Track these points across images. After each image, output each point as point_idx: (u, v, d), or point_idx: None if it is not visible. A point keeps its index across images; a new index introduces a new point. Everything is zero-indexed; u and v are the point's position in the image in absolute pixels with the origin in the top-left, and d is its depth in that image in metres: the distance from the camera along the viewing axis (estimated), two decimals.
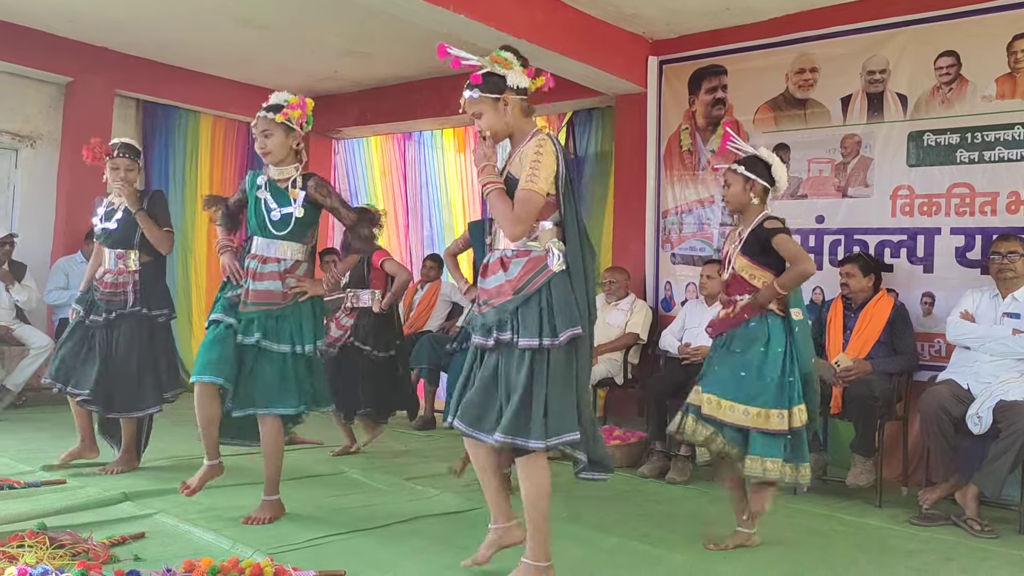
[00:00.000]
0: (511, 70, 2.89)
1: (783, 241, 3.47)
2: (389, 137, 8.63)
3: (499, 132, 2.92)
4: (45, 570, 2.62)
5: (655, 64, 6.18)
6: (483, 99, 2.87)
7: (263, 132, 3.67)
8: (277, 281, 3.63)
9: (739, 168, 3.55)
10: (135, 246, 4.46)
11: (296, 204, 3.63)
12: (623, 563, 3.29)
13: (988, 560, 3.54)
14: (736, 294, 3.56)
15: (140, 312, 4.43)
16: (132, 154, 4.52)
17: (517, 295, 2.79)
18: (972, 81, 4.90)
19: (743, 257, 3.52)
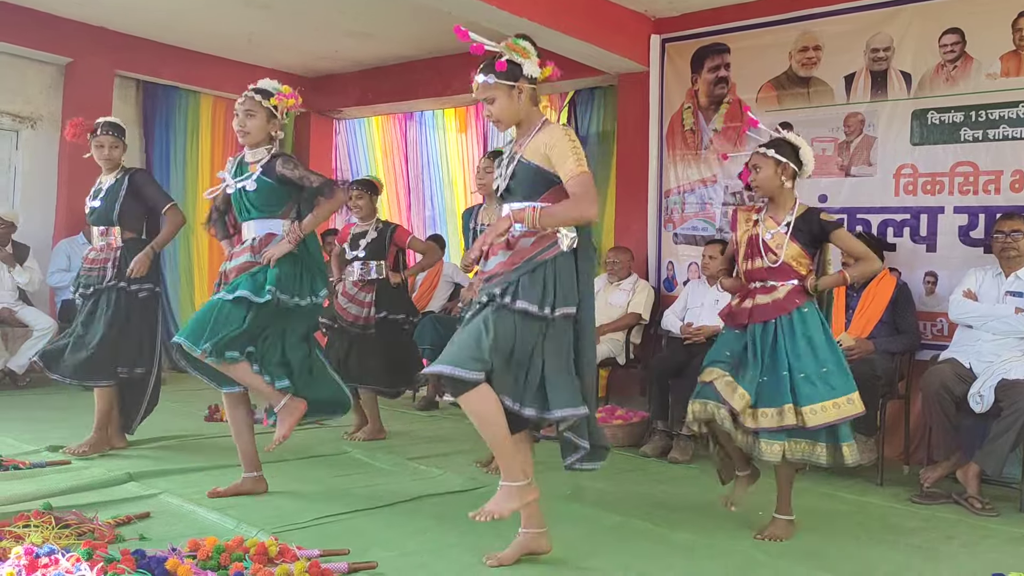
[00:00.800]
0: (528, 59, 2.93)
1: (845, 236, 3.47)
2: (390, 117, 8.60)
3: (510, 119, 2.96)
4: (51, 549, 2.63)
5: (657, 42, 6.14)
6: (498, 86, 2.90)
7: (247, 111, 3.69)
8: (247, 253, 3.69)
9: (770, 151, 3.45)
10: (116, 221, 4.47)
11: (249, 178, 3.67)
12: (625, 541, 3.31)
13: (989, 538, 3.56)
14: (780, 281, 3.43)
15: (118, 286, 4.42)
16: (115, 132, 4.51)
17: (526, 263, 2.86)
18: (977, 59, 4.86)
19: (796, 245, 3.42)
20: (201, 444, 4.78)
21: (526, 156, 2.92)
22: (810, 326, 3.39)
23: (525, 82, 2.92)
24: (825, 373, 3.34)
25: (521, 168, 2.92)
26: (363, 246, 5.16)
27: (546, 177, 2.90)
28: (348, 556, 2.92)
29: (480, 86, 2.95)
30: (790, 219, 3.43)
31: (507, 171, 2.98)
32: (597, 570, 2.95)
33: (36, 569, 2.51)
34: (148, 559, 2.65)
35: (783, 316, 3.39)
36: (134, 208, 4.51)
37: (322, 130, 8.86)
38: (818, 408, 3.30)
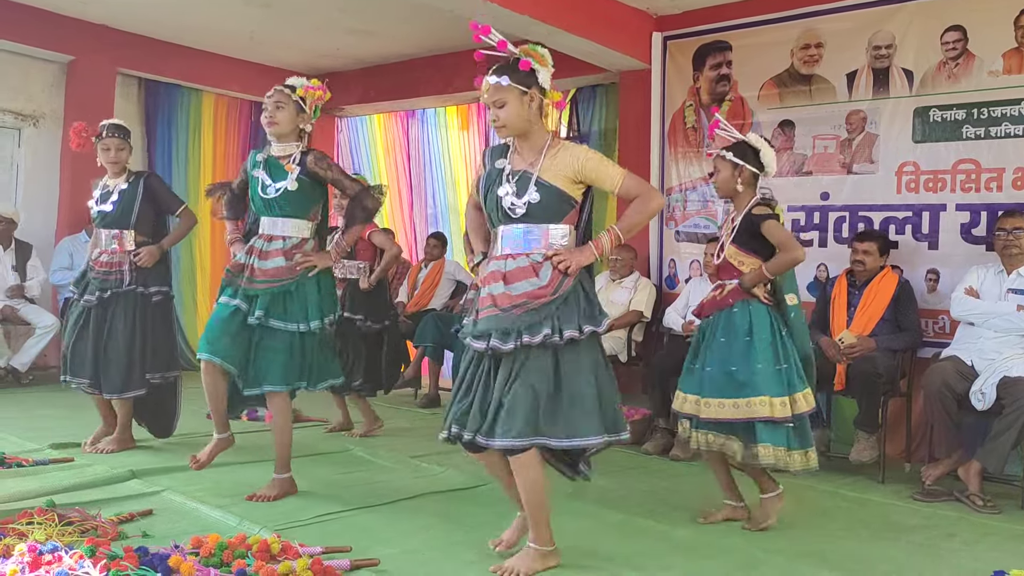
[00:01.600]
0: (545, 68, 2.85)
1: (773, 227, 3.48)
2: (392, 115, 8.60)
3: (517, 127, 2.84)
4: (55, 547, 2.64)
5: (659, 40, 6.14)
6: (512, 88, 2.79)
7: (275, 103, 3.68)
8: (281, 258, 3.64)
9: (727, 154, 3.55)
10: (131, 226, 4.47)
11: (291, 177, 3.63)
12: (627, 538, 3.32)
13: (990, 535, 3.56)
14: (726, 279, 3.59)
15: (135, 291, 4.42)
16: (121, 133, 4.50)
17: (556, 296, 2.76)
18: (979, 56, 4.86)
19: (732, 245, 3.54)
20: (203, 442, 4.75)
21: (546, 178, 2.80)
22: (735, 324, 3.47)
23: (537, 91, 2.82)
24: (733, 371, 3.40)
25: (545, 192, 2.80)
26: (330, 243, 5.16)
27: (568, 201, 2.85)
28: (350, 553, 2.93)
29: (492, 87, 2.81)
30: (738, 220, 3.55)
31: (523, 192, 2.81)
32: (599, 567, 2.95)
33: (39, 566, 2.51)
34: (151, 556, 2.66)
35: (718, 312, 3.54)
36: (149, 213, 4.52)
37: (324, 128, 8.85)
38: (714, 403, 3.42)
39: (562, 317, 2.76)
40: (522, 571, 2.80)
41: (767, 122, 5.63)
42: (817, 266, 5.37)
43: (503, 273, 2.82)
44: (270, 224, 3.71)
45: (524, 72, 2.80)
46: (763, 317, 3.47)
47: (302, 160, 3.67)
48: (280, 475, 3.73)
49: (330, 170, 3.70)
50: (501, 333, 2.75)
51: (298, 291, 3.65)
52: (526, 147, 2.89)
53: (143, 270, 4.44)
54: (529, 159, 2.87)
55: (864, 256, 4.69)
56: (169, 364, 4.56)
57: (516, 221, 2.85)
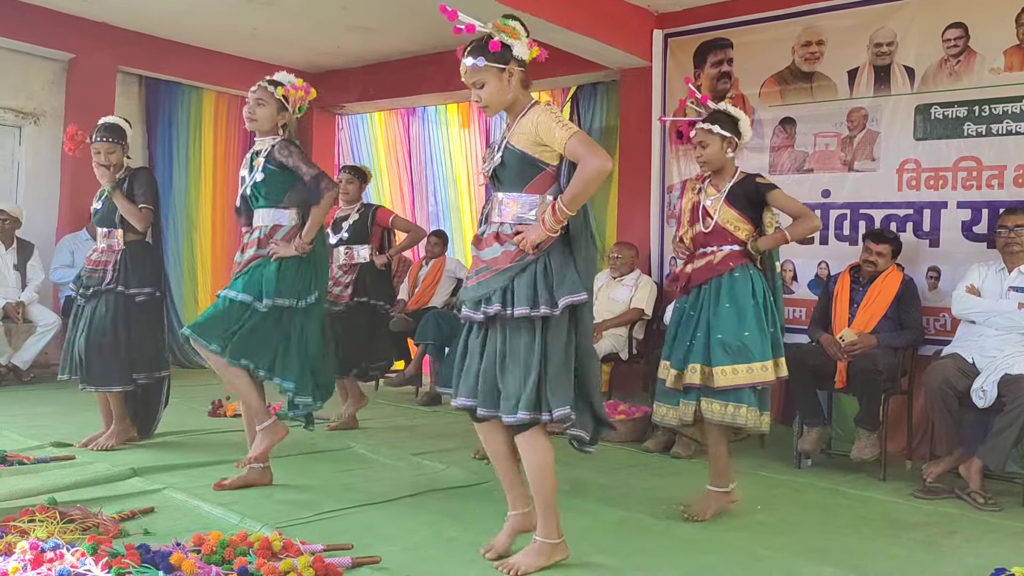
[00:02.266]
0: (519, 40, 2.80)
1: (782, 197, 3.54)
2: (393, 112, 8.60)
3: (499, 104, 2.84)
4: (56, 544, 2.64)
5: (660, 37, 6.13)
6: (488, 68, 2.77)
7: (257, 100, 3.76)
8: (252, 248, 3.76)
9: (715, 127, 3.54)
10: (118, 224, 4.47)
11: (256, 170, 3.72)
12: (628, 535, 3.32)
13: (991, 533, 3.56)
14: (716, 244, 3.57)
15: (115, 290, 4.42)
16: (113, 136, 4.46)
17: (514, 264, 2.76)
18: (980, 53, 4.86)
19: (731, 209, 3.54)
20: (204, 439, 4.79)
21: (512, 142, 2.82)
22: (738, 290, 3.48)
23: (515, 64, 2.79)
24: (746, 336, 3.42)
25: (508, 155, 2.82)
26: (346, 228, 5.21)
27: (533, 164, 2.81)
28: (352, 551, 2.92)
29: (469, 69, 2.81)
30: (729, 185, 3.56)
31: (496, 158, 2.87)
32: (600, 565, 2.95)
33: (41, 564, 2.52)
34: (152, 554, 2.66)
35: (714, 279, 3.52)
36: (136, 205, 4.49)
37: (324, 126, 8.85)
38: (728, 370, 3.41)
39: (516, 292, 2.74)
40: (522, 568, 2.80)
41: (768, 119, 5.63)
42: (818, 264, 5.37)
43: (478, 239, 2.91)
44: (255, 217, 3.83)
45: (500, 49, 2.77)
46: (760, 282, 3.53)
47: (268, 152, 3.74)
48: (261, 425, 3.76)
49: (290, 156, 3.73)
50: (472, 303, 2.82)
51: (259, 267, 3.71)
52: (511, 118, 2.91)
53: (127, 270, 4.44)
54: (510, 127, 2.89)
55: (877, 257, 4.66)
56: (155, 364, 4.54)
57: (499, 189, 2.90)
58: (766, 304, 3.50)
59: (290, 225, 3.79)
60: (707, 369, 3.47)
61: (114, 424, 4.52)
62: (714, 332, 3.47)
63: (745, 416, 3.44)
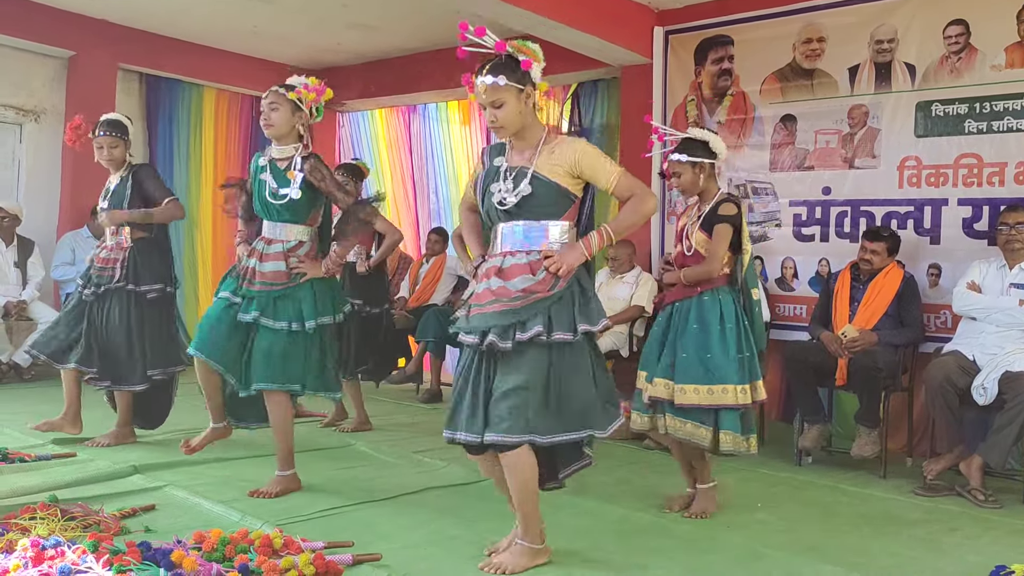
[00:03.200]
0: (538, 63, 2.78)
1: (718, 233, 3.55)
2: (394, 110, 8.59)
3: (515, 127, 2.80)
4: (57, 541, 2.65)
5: (661, 34, 6.12)
6: (509, 88, 2.73)
7: (270, 104, 3.67)
8: (281, 262, 3.66)
9: (683, 157, 3.60)
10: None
11: (294, 185, 3.63)
12: (628, 534, 3.32)
13: (992, 530, 3.56)
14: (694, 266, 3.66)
15: (126, 288, 4.42)
16: (115, 131, 4.47)
17: (551, 293, 2.75)
18: (981, 50, 4.85)
19: (702, 233, 3.61)
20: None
21: (543, 172, 2.78)
22: (705, 312, 3.53)
23: (532, 87, 2.78)
24: (708, 358, 3.47)
25: (541, 186, 2.77)
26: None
27: (566, 196, 2.81)
28: (352, 548, 2.93)
29: (488, 88, 2.74)
30: (706, 210, 3.61)
31: (516, 187, 2.79)
32: (600, 563, 2.95)
33: (42, 561, 2.52)
34: (153, 551, 2.67)
35: (685, 300, 3.59)
36: (140, 206, 4.48)
37: (325, 123, 8.76)
38: (689, 389, 3.46)
39: (555, 317, 2.75)
40: (509, 568, 2.80)
41: (769, 116, 5.63)
42: (819, 261, 5.37)
43: (501, 269, 2.81)
44: (270, 228, 3.73)
45: (521, 70, 2.75)
46: (730, 306, 3.55)
47: (302, 167, 3.65)
48: (282, 472, 3.73)
49: (323, 181, 3.65)
50: (500, 329, 2.73)
51: (291, 293, 3.66)
52: (522, 143, 2.86)
53: (136, 267, 4.44)
54: (526, 155, 2.84)
55: (872, 256, 4.66)
56: (169, 360, 4.55)
57: (515, 219, 2.83)
58: (738, 328, 3.52)
59: (311, 242, 3.75)
60: (671, 384, 3.52)
61: (117, 427, 4.53)
62: (679, 351, 3.53)
63: (703, 436, 3.48)
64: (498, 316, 2.75)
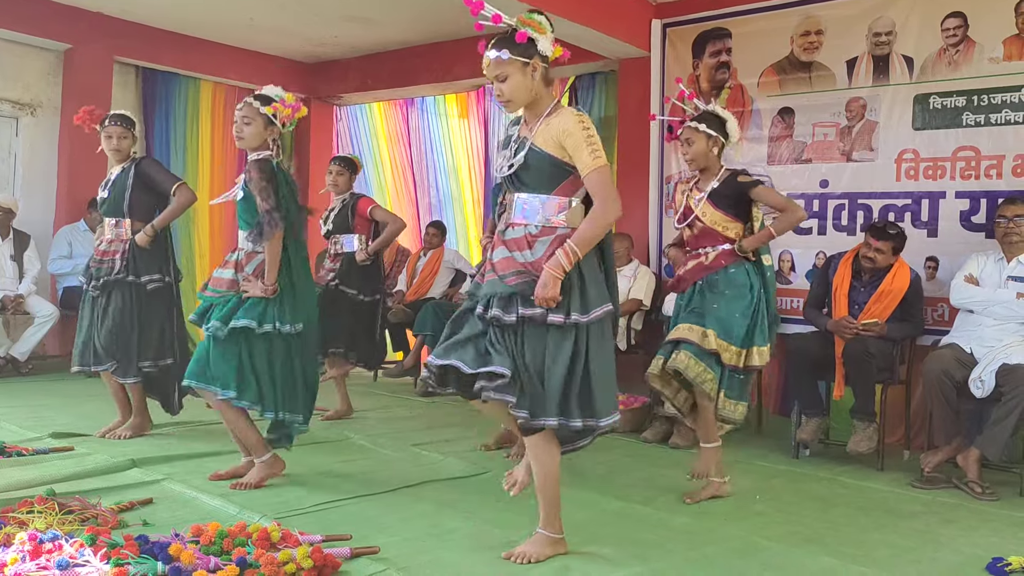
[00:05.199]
0: (544, 35, 2.76)
1: (767, 192, 3.65)
2: (392, 103, 8.58)
3: (522, 99, 2.78)
4: (55, 535, 2.65)
5: (659, 27, 6.11)
6: (512, 61, 2.72)
7: (243, 118, 3.65)
8: (231, 269, 3.67)
9: (701, 126, 3.64)
10: (126, 214, 4.46)
11: (235, 189, 3.66)
12: (627, 526, 3.32)
13: (989, 522, 3.57)
14: (706, 246, 3.69)
15: (127, 279, 4.41)
16: (126, 123, 4.49)
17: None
18: (979, 43, 4.84)
19: (717, 211, 3.63)
20: (204, 431, 4.79)
21: (538, 143, 2.76)
22: (736, 281, 3.61)
23: (539, 60, 2.75)
24: (738, 319, 3.58)
25: (534, 156, 2.76)
26: (331, 219, 5.19)
27: (561, 168, 2.76)
28: (351, 541, 2.94)
29: (492, 62, 2.75)
30: (714, 185, 3.64)
31: (516, 158, 2.80)
32: (598, 555, 2.96)
33: (40, 554, 2.52)
34: (151, 544, 2.67)
35: (711, 274, 3.64)
36: (144, 198, 4.48)
37: (322, 116, 8.82)
38: (714, 336, 3.58)
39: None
40: (533, 557, 2.84)
41: (767, 109, 5.62)
42: (816, 254, 5.37)
43: (504, 241, 2.83)
44: (239, 236, 3.76)
45: (525, 42, 2.73)
46: (755, 274, 3.63)
47: (247, 171, 3.65)
48: (259, 458, 3.67)
49: (251, 183, 3.61)
50: (503, 303, 2.73)
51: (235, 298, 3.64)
52: (532, 115, 2.84)
53: (136, 259, 4.43)
54: (532, 126, 2.83)
55: (876, 254, 4.58)
56: (162, 352, 4.51)
57: (519, 191, 2.83)
58: (757, 299, 3.62)
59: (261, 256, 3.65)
60: (698, 328, 3.59)
61: (133, 416, 4.54)
62: (710, 305, 3.62)
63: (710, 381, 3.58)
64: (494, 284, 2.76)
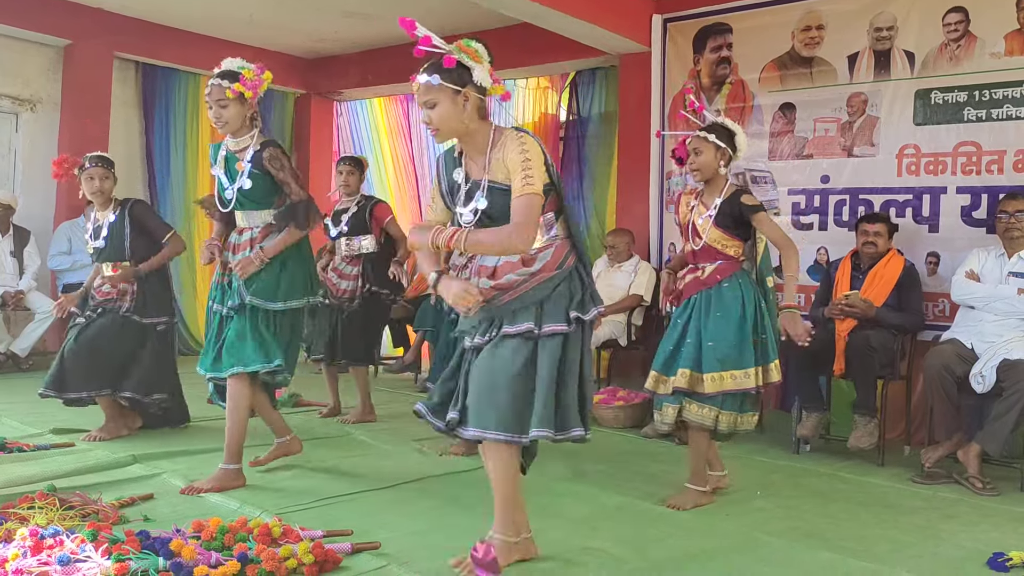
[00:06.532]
0: (480, 64, 2.61)
1: (766, 222, 3.55)
2: (392, 99, 8.58)
3: (451, 129, 2.64)
4: (56, 531, 2.65)
5: (659, 22, 6.10)
6: (443, 88, 2.59)
7: (218, 102, 3.56)
8: (248, 248, 3.65)
9: (710, 136, 3.59)
10: (127, 258, 4.46)
11: (242, 176, 3.59)
12: (626, 521, 3.32)
13: (990, 517, 3.57)
14: (706, 262, 3.62)
15: (132, 318, 4.43)
16: (105, 164, 4.47)
17: (549, 282, 2.66)
18: (981, 38, 4.83)
19: (717, 229, 3.58)
20: (204, 427, 4.79)
21: (497, 179, 2.61)
22: (727, 300, 3.53)
23: (472, 90, 2.60)
24: (732, 345, 3.48)
25: (500, 195, 2.60)
26: (345, 221, 5.17)
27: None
28: (352, 536, 2.93)
29: (422, 87, 2.63)
30: (718, 203, 3.58)
31: (477, 200, 2.64)
32: (599, 550, 2.96)
33: (41, 550, 2.52)
34: (152, 540, 2.67)
35: (704, 291, 3.57)
36: (142, 241, 4.48)
37: (322, 112, 8.82)
38: (717, 377, 3.47)
39: (546, 310, 2.66)
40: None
41: (768, 105, 5.61)
42: (817, 249, 5.37)
43: (492, 268, 2.70)
44: (239, 217, 3.71)
45: (458, 70, 2.60)
46: (749, 289, 3.56)
47: (254, 157, 3.60)
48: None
49: (282, 171, 3.60)
50: (485, 326, 2.69)
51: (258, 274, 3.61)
52: (473, 150, 2.69)
53: (143, 300, 4.45)
54: (479, 163, 2.68)
55: (876, 238, 4.63)
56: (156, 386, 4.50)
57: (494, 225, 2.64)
58: (757, 312, 3.53)
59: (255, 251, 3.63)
60: (696, 375, 3.50)
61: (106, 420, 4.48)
62: (705, 340, 3.52)
63: (726, 421, 3.51)
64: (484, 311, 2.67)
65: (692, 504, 3.53)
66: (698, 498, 3.56)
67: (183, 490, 3.50)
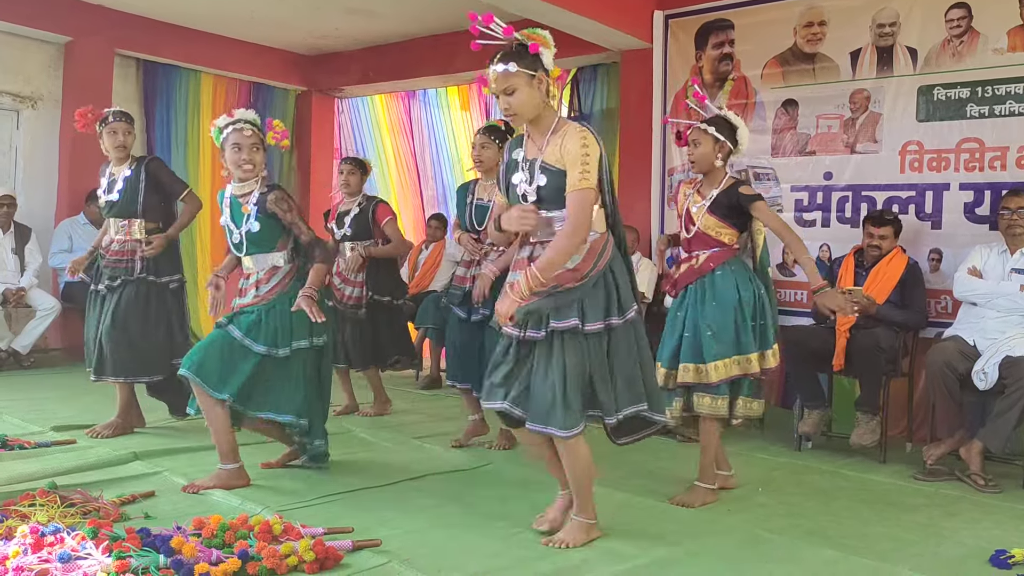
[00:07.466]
0: (549, 49, 2.80)
1: (765, 211, 3.55)
2: (394, 95, 8.57)
3: (530, 112, 2.81)
4: (57, 528, 2.65)
5: (661, 19, 6.09)
6: (520, 74, 2.75)
7: (253, 145, 3.64)
8: (253, 291, 3.65)
9: (710, 128, 3.58)
10: (139, 214, 4.44)
11: (249, 219, 3.62)
12: (631, 518, 3.32)
13: (992, 514, 3.57)
14: (699, 249, 3.63)
15: (147, 279, 4.40)
16: (128, 119, 4.49)
17: (585, 281, 2.81)
18: (983, 34, 4.82)
19: (711, 216, 3.58)
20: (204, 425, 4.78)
21: (550, 162, 2.79)
22: (720, 288, 3.54)
23: (544, 73, 2.79)
24: (731, 330, 3.49)
25: (552, 176, 2.79)
26: (348, 223, 5.15)
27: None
28: (352, 534, 2.93)
29: (500, 75, 2.77)
30: (714, 193, 3.58)
31: (533, 178, 2.83)
32: (602, 547, 2.95)
33: (41, 547, 2.52)
34: (153, 537, 2.67)
35: (699, 279, 3.59)
36: (154, 199, 4.48)
37: (324, 109, 8.81)
38: (721, 365, 3.48)
39: (587, 307, 2.81)
40: (571, 543, 2.91)
41: (770, 101, 5.60)
42: (820, 246, 5.35)
43: (534, 259, 2.83)
44: (247, 262, 3.71)
45: (531, 56, 2.75)
46: (743, 275, 3.57)
47: (260, 200, 3.62)
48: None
49: (289, 212, 3.62)
50: (535, 320, 2.81)
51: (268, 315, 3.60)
52: (536, 132, 2.86)
53: (154, 259, 4.42)
54: (539, 144, 2.86)
55: (881, 241, 4.62)
56: (172, 352, 4.47)
57: (544, 208, 2.84)
58: (755, 298, 3.54)
59: (287, 267, 3.68)
60: (700, 367, 3.52)
61: (117, 416, 4.47)
62: (703, 330, 3.53)
63: (739, 407, 3.54)
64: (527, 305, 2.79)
65: (700, 502, 3.52)
66: (706, 496, 3.56)
67: (184, 488, 3.50)
